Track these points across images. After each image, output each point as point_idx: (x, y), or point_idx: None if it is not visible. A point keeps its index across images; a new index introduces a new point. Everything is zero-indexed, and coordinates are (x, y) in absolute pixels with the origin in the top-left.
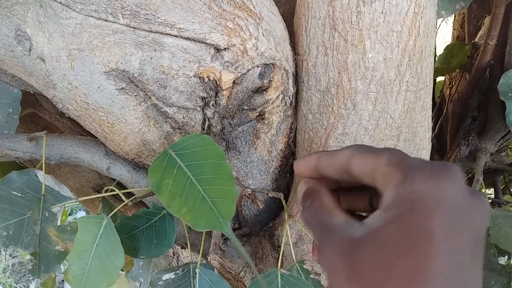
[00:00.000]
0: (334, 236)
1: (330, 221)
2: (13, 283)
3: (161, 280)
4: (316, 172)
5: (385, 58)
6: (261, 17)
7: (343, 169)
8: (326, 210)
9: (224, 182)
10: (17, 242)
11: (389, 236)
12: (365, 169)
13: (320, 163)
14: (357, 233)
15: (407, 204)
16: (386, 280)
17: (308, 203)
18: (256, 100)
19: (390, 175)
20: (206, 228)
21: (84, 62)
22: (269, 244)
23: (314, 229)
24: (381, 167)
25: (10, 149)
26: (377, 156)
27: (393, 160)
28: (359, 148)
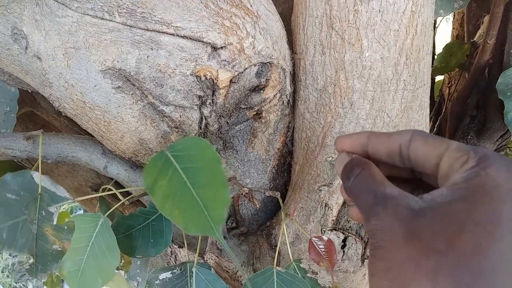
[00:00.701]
0: (390, 202)
1: (384, 190)
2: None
3: (158, 279)
4: (362, 151)
5: (382, 57)
6: (258, 15)
7: (398, 151)
8: (378, 180)
9: (217, 187)
10: (11, 245)
11: (457, 211)
12: (429, 152)
13: (371, 142)
14: (417, 204)
15: (480, 187)
16: (447, 249)
17: (357, 171)
18: (253, 99)
19: (462, 158)
20: (197, 232)
21: (81, 61)
22: (266, 243)
23: (364, 197)
24: (451, 151)
25: (7, 148)
26: (443, 142)
27: (464, 146)
28: (421, 133)
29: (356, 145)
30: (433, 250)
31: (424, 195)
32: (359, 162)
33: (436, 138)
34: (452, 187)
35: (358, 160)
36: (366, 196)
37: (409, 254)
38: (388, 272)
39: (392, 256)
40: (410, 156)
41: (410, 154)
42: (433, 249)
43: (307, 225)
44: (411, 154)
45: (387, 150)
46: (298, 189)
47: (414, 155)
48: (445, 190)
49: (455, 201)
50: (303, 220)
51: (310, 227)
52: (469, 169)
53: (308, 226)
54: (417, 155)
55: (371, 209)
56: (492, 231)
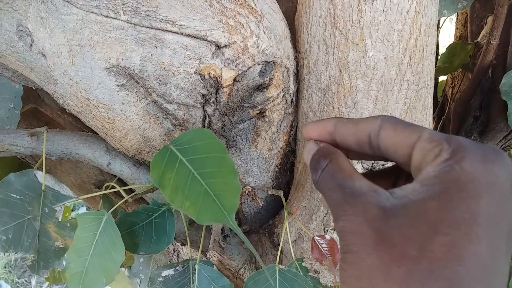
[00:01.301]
0: (359, 200)
1: (353, 185)
2: (15, 278)
3: (160, 276)
4: (330, 140)
5: (386, 57)
6: (262, 14)
7: (368, 139)
8: (346, 173)
9: (226, 175)
10: (17, 246)
11: (429, 210)
12: (399, 141)
13: (339, 129)
14: (387, 202)
15: (454, 183)
16: (420, 254)
17: (324, 164)
18: (256, 97)
19: (435, 150)
20: (210, 222)
21: (85, 58)
22: (269, 241)
23: (331, 192)
24: (423, 142)
25: (11, 144)
26: (415, 130)
27: (437, 135)
28: (390, 119)
29: (324, 134)
30: (405, 257)
31: (396, 190)
32: (326, 153)
33: (407, 125)
34: (424, 183)
35: (325, 151)
36: (334, 192)
37: (380, 262)
38: (358, 280)
39: (362, 263)
40: (380, 146)
41: (379, 143)
42: (404, 255)
43: (310, 224)
44: (380, 143)
45: (355, 139)
46: (301, 188)
47: (384, 144)
48: (418, 185)
49: (427, 199)
50: (306, 219)
51: (313, 226)
52: (442, 162)
53: (311, 225)
54: (387, 144)
55: (339, 207)
56: (467, 232)
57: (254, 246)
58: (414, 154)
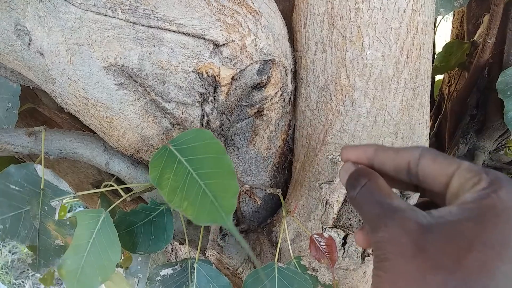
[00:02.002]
0: (398, 214)
1: (391, 202)
2: (12, 279)
3: (159, 275)
4: (368, 163)
5: (383, 55)
6: (260, 13)
7: (406, 167)
8: (384, 192)
9: (225, 176)
10: (14, 236)
11: (465, 230)
12: (438, 171)
13: (378, 155)
14: (425, 219)
15: (491, 208)
16: (455, 266)
17: (363, 181)
18: (254, 96)
19: (474, 179)
20: (208, 222)
21: (83, 57)
22: (267, 240)
23: (369, 207)
24: (462, 171)
25: (9, 143)
26: (454, 161)
27: (476, 167)
28: (430, 150)
29: (362, 157)
30: (441, 267)
31: (432, 211)
32: (365, 173)
33: (446, 157)
34: (462, 206)
35: (365, 171)
36: (373, 207)
37: (417, 269)
38: (394, 285)
39: (399, 269)
40: (418, 174)
41: (419, 171)
42: (440, 265)
43: (308, 223)
44: (420, 171)
45: (394, 165)
46: (299, 187)
47: (423, 173)
48: (455, 208)
49: (464, 220)
50: (304, 218)
51: (311, 224)
52: (480, 190)
53: (309, 223)
54: (426, 173)
55: (378, 220)
56: (500, 252)
57: (253, 245)
58: (453, 182)
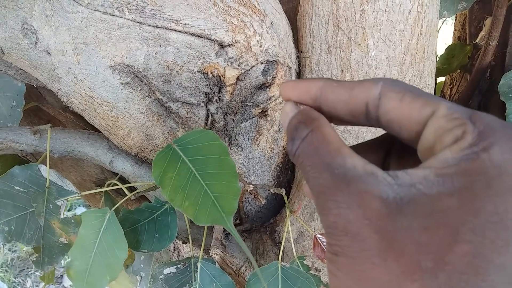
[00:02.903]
0: (354, 187)
1: (343, 163)
2: (12, 278)
3: (162, 274)
4: (313, 105)
5: (387, 57)
6: (265, 14)
7: (364, 110)
8: (332, 147)
9: (227, 177)
10: (19, 237)
11: (447, 210)
12: (406, 115)
13: (326, 95)
14: (391, 192)
15: (480, 176)
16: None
17: (304, 132)
18: (259, 96)
19: (456, 131)
20: (208, 223)
21: (90, 56)
22: (270, 240)
23: (313, 171)
24: (439, 119)
25: (14, 141)
26: (428, 102)
27: (458, 111)
28: (394, 85)
29: (305, 98)
30: (419, 269)
31: (399, 174)
32: (308, 119)
33: (417, 94)
34: (440, 171)
35: (307, 116)
36: (319, 172)
37: (389, 276)
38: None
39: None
40: (380, 119)
41: (380, 116)
42: (418, 267)
43: (311, 223)
44: (381, 116)
45: (347, 109)
46: (302, 187)
47: (386, 118)
48: (432, 174)
49: (445, 194)
50: (307, 218)
51: (314, 224)
52: (465, 148)
53: (312, 223)
54: (390, 118)
55: (327, 195)
56: (494, 240)
57: (255, 245)
58: (426, 133)
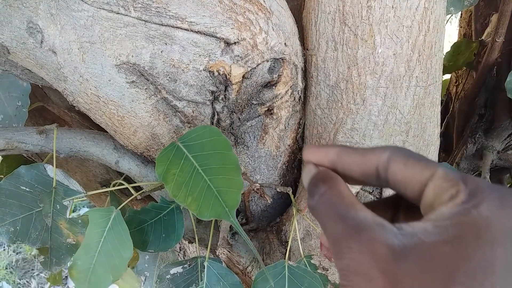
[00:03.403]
0: (365, 235)
1: (356, 216)
2: (17, 279)
3: (169, 273)
4: (331, 166)
5: (395, 53)
6: (271, 11)
7: (375, 172)
8: (346, 202)
9: (230, 172)
10: (25, 238)
11: (443, 256)
12: (410, 177)
13: (342, 158)
14: (396, 240)
15: (471, 227)
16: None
17: (322, 189)
18: (265, 94)
19: (451, 190)
20: (211, 217)
21: (95, 55)
22: (277, 239)
23: (331, 222)
24: (438, 180)
25: (20, 142)
26: (427, 166)
27: (452, 174)
28: (400, 152)
29: (324, 161)
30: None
31: (403, 226)
32: (325, 178)
33: (418, 160)
34: (438, 223)
35: (324, 175)
36: (334, 223)
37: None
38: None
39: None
40: (388, 180)
41: (388, 177)
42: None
43: None
44: (389, 178)
45: (361, 171)
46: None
47: (393, 179)
48: (430, 226)
49: (441, 242)
50: None
51: None
52: (458, 205)
53: None
54: (397, 179)
55: (342, 242)
56: (482, 282)
57: (262, 244)
58: (427, 192)
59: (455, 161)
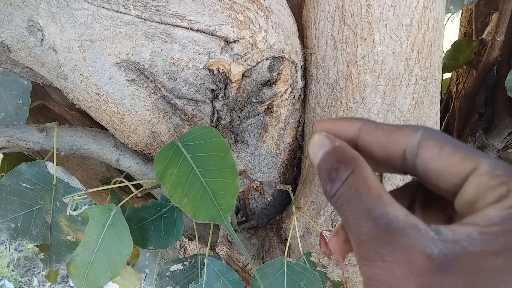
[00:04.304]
0: (397, 241)
1: (386, 213)
2: (18, 277)
3: (169, 271)
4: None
5: (394, 52)
6: (270, 10)
7: (401, 156)
8: (374, 193)
9: (226, 175)
10: (25, 234)
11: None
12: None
13: (364, 135)
14: (434, 247)
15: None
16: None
17: (344, 174)
18: (264, 93)
19: (499, 189)
20: (205, 220)
21: (96, 53)
22: (276, 237)
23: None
24: (482, 176)
25: (21, 139)
26: (469, 156)
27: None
28: (435, 135)
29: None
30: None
31: (442, 230)
32: (348, 159)
33: (458, 148)
34: (485, 230)
35: (346, 155)
36: (360, 220)
37: None
38: None
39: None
40: (417, 167)
41: (417, 164)
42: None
43: (318, 219)
44: (419, 165)
45: (384, 152)
46: (308, 183)
47: (424, 167)
48: (476, 232)
49: (490, 253)
50: (314, 214)
51: (321, 221)
52: (510, 207)
53: (319, 220)
54: (428, 168)
55: (369, 245)
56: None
57: (262, 242)
58: (467, 188)
59: None
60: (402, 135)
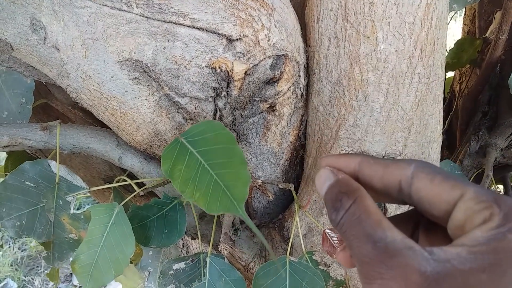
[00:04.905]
0: (396, 261)
1: (385, 237)
2: (22, 276)
3: (171, 269)
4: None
5: (397, 50)
6: (273, 8)
7: (397, 186)
8: (374, 220)
9: (236, 165)
10: (30, 232)
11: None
12: (437, 195)
13: (364, 169)
14: (428, 265)
15: (508, 254)
16: None
17: (347, 203)
18: (267, 91)
19: (484, 212)
20: (220, 211)
21: (98, 52)
22: (279, 235)
23: (356, 241)
24: (468, 201)
25: (24, 138)
26: (456, 185)
27: (484, 195)
28: (425, 167)
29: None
30: None
31: (435, 250)
32: (350, 190)
33: (446, 178)
34: (472, 250)
35: (349, 186)
36: (362, 243)
37: None
38: None
39: None
40: (412, 196)
41: (412, 194)
42: None
43: (320, 218)
44: (413, 194)
45: (382, 183)
46: (311, 182)
47: (417, 196)
48: (464, 251)
49: (477, 269)
50: (316, 213)
51: (323, 219)
52: (493, 229)
53: (321, 218)
54: (421, 196)
55: (370, 265)
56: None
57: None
58: (456, 213)
59: (458, 158)
60: (398, 168)
